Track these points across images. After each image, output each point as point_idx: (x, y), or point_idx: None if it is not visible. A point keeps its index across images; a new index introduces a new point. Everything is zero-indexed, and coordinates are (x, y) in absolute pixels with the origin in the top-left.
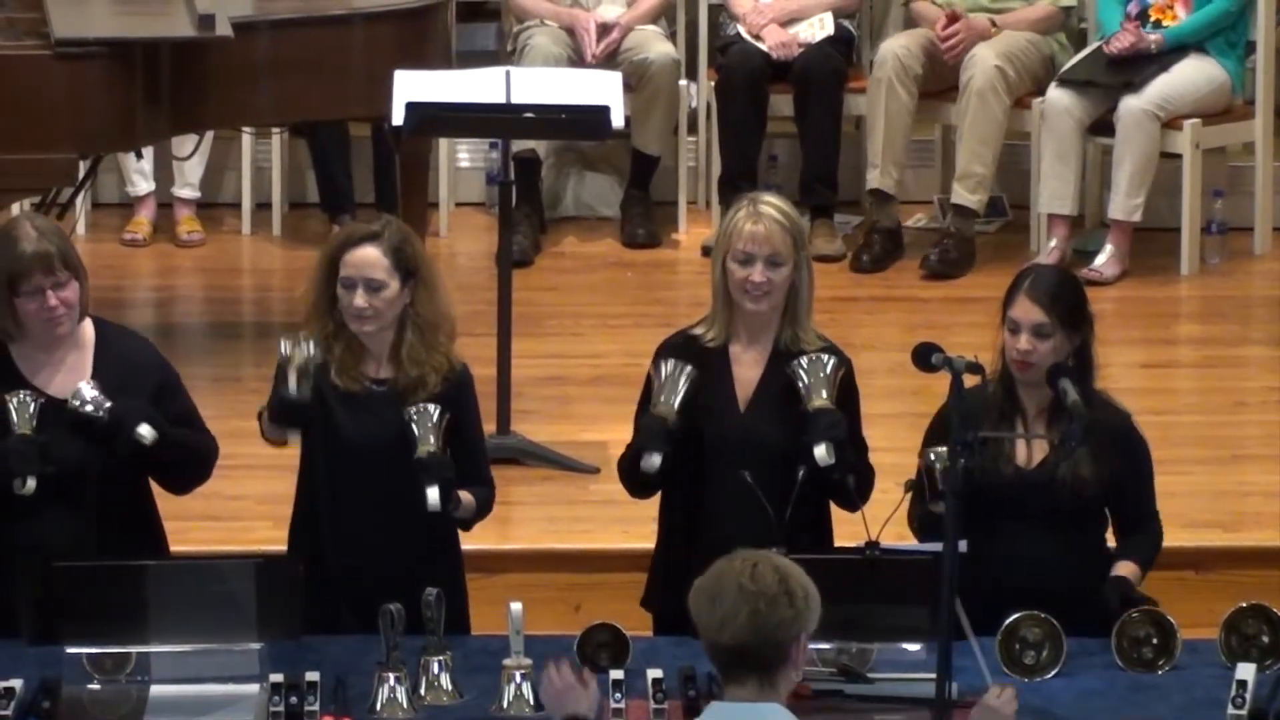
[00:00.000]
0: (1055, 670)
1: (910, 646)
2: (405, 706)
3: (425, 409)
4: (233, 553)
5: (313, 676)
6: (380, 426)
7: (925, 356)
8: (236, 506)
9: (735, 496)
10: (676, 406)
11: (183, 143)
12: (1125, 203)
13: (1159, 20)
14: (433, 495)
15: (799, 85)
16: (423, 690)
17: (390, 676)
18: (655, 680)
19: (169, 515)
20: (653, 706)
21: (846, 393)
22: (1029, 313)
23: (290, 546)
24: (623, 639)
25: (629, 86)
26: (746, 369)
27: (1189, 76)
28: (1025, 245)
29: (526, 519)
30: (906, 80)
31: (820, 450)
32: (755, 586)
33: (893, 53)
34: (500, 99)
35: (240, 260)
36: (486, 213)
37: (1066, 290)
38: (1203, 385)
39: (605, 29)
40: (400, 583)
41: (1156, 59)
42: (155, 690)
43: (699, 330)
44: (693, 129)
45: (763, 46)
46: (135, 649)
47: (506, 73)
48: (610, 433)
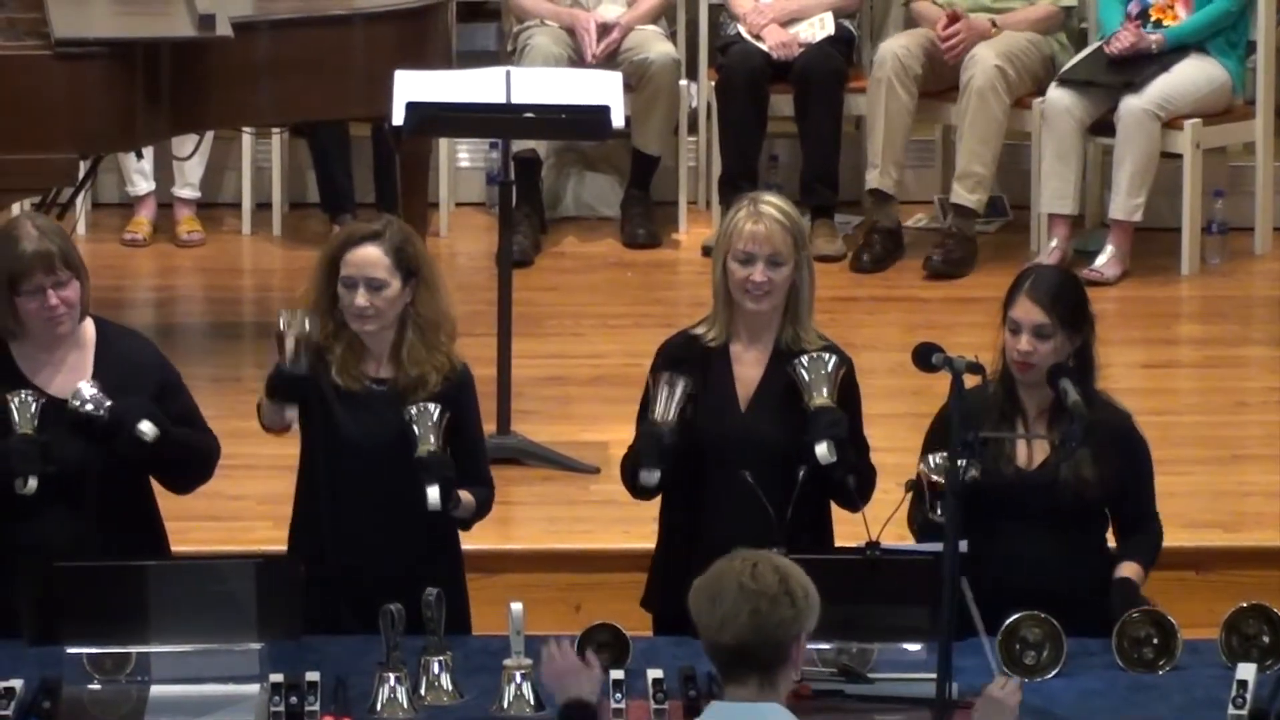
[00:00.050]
0: (1055, 670)
1: (911, 646)
2: (405, 707)
3: (425, 408)
4: (233, 553)
5: (313, 676)
6: (380, 426)
7: (926, 357)
8: (237, 506)
9: (736, 496)
10: (673, 421)
11: (183, 143)
12: (1126, 203)
13: (1159, 20)
14: (433, 495)
15: (799, 85)
16: (423, 690)
17: (390, 676)
18: (655, 680)
19: (169, 515)
20: (653, 707)
21: (847, 392)
22: (1030, 313)
23: (290, 546)
24: (623, 639)
25: (629, 86)
26: (747, 369)
27: (1189, 76)
28: (1025, 245)
29: (527, 519)
30: (906, 80)
31: (822, 448)
32: (756, 586)
33: (892, 53)
34: (500, 99)
35: (240, 260)
36: (487, 213)
37: (1067, 291)
38: (1203, 385)
39: (605, 29)
40: (400, 583)
41: (1157, 59)
42: (155, 690)
43: (700, 330)
44: (693, 129)
45: (763, 46)
46: (135, 649)
47: (507, 73)
48: (610, 433)
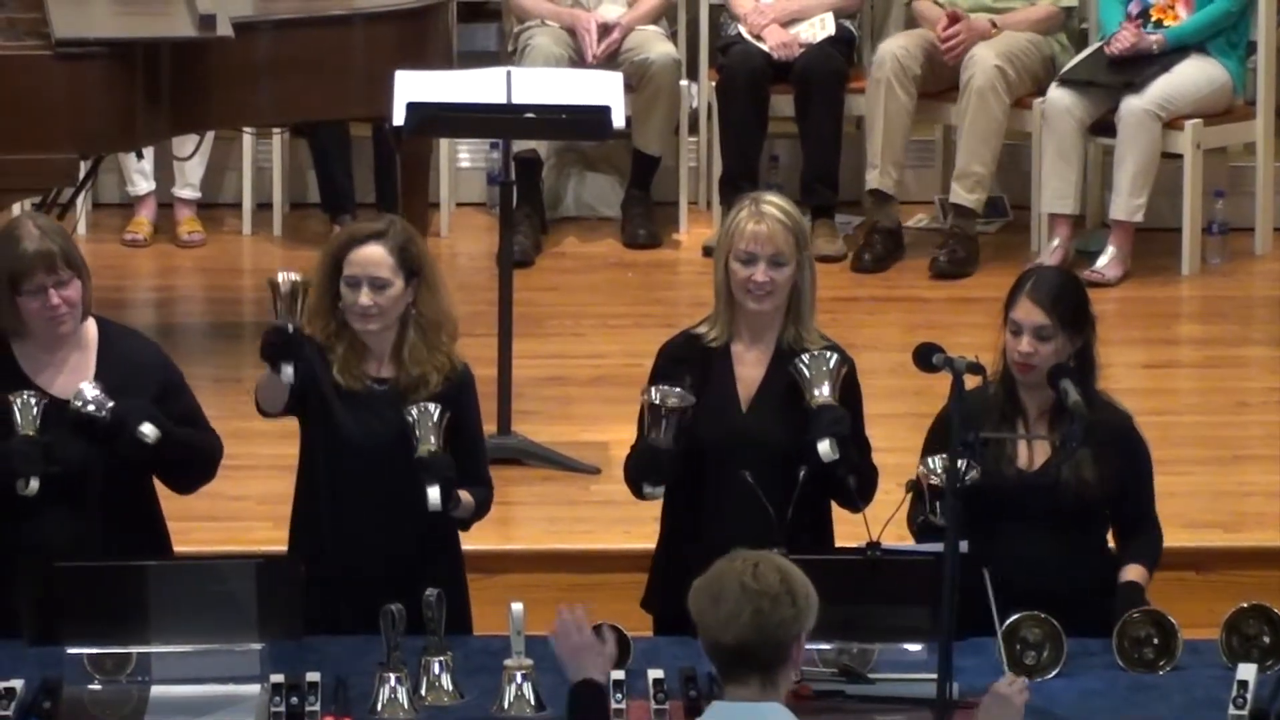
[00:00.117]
0: (1056, 670)
1: (911, 647)
2: (406, 707)
3: (426, 408)
4: (234, 553)
5: (313, 677)
6: (381, 425)
7: (926, 357)
8: (237, 507)
9: (737, 497)
10: (670, 440)
11: (183, 143)
12: (1127, 203)
13: (1160, 20)
14: (433, 495)
15: (800, 85)
16: (423, 690)
17: (391, 677)
18: (656, 681)
19: (170, 516)
20: (653, 707)
21: (849, 392)
22: (1030, 314)
23: (290, 546)
24: (624, 639)
25: (630, 87)
26: (749, 369)
27: (1190, 77)
28: (1026, 246)
29: (527, 519)
30: (905, 81)
31: (824, 445)
32: (758, 586)
33: (891, 53)
34: (501, 99)
35: (241, 260)
36: (487, 213)
37: (1068, 292)
38: (1204, 386)
39: (606, 29)
40: (401, 583)
41: (1158, 59)
42: (156, 690)
43: (701, 330)
44: (694, 129)
45: (764, 47)
46: (136, 649)
47: (507, 73)
48: (611, 433)
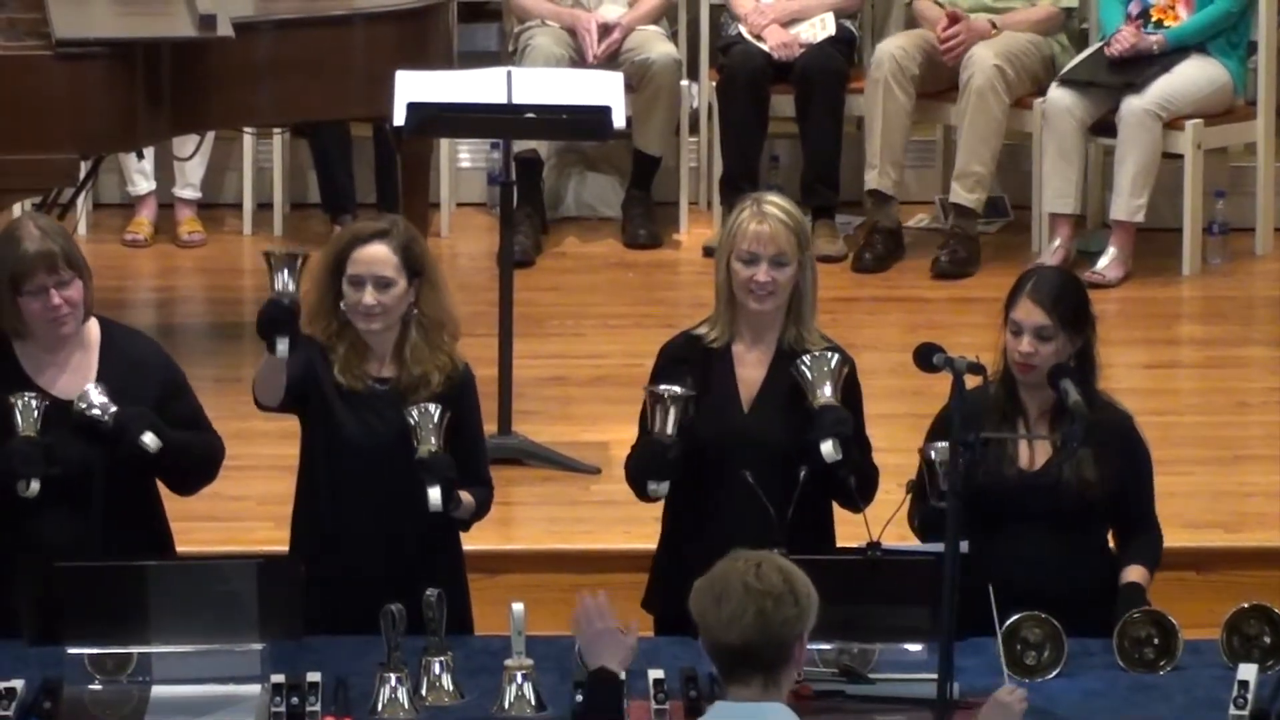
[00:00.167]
0: (1057, 671)
1: (912, 647)
2: (406, 707)
3: (426, 409)
4: (234, 553)
5: (314, 677)
6: (382, 425)
7: (927, 357)
8: (238, 507)
9: (737, 497)
10: (674, 435)
11: (184, 143)
12: (1128, 203)
13: (1160, 21)
14: (434, 495)
15: (800, 86)
16: (424, 691)
17: (391, 677)
18: (656, 681)
19: (170, 516)
20: (654, 707)
21: (850, 392)
22: (1031, 315)
23: (291, 546)
24: None
25: (630, 87)
26: (750, 369)
27: (1190, 77)
28: (1027, 246)
29: (528, 519)
30: (903, 81)
31: (827, 446)
32: (761, 586)
33: (889, 54)
34: (501, 99)
35: (241, 261)
36: (488, 213)
37: (1069, 292)
38: (1205, 386)
39: (606, 29)
40: (401, 583)
41: (1158, 59)
42: (156, 691)
43: (702, 330)
44: (694, 129)
45: (764, 47)
46: (136, 649)
47: (508, 73)
48: (611, 433)
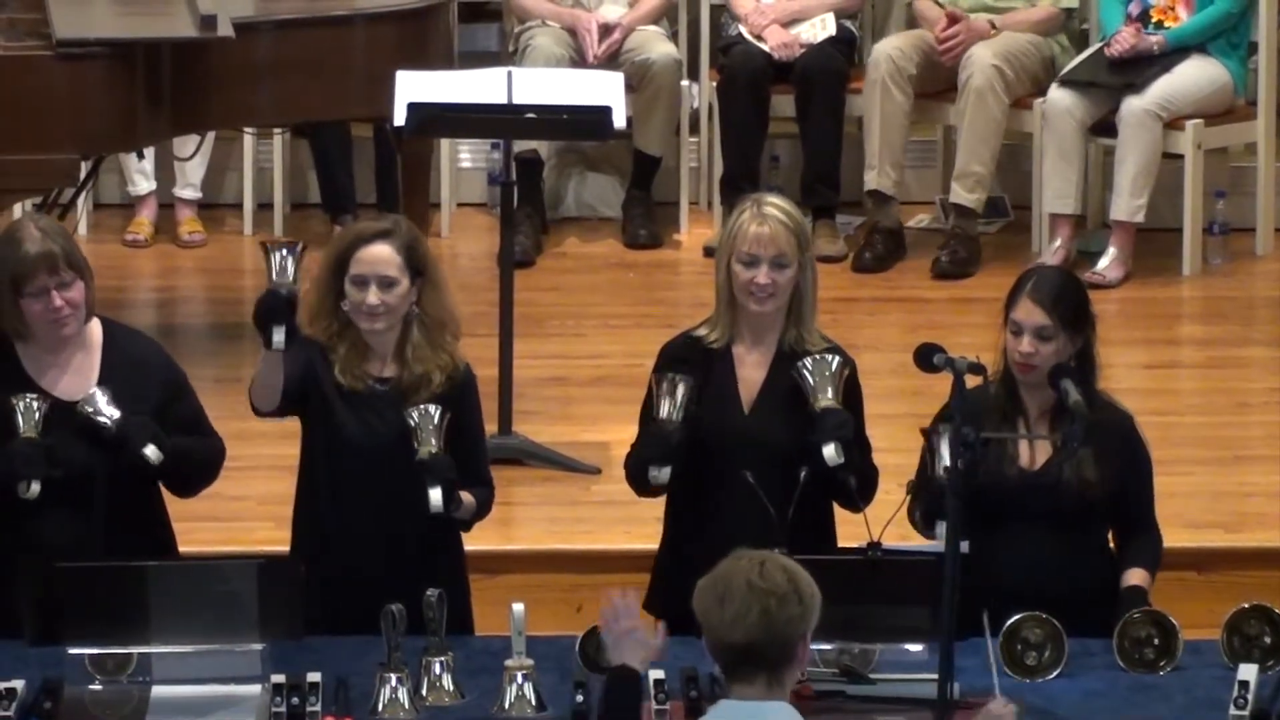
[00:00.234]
0: (1057, 671)
1: (912, 647)
2: (407, 707)
3: (426, 410)
4: (235, 553)
5: (314, 677)
6: (382, 426)
7: (927, 357)
8: (238, 507)
9: (738, 498)
10: (678, 419)
11: (184, 143)
12: (1128, 204)
13: (1160, 22)
14: (435, 496)
15: (801, 86)
16: (424, 691)
17: (392, 677)
18: (657, 681)
19: (171, 516)
20: (654, 707)
21: (850, 393)
22: (1031, 315)
23: (291, 546)
24: None
25: (630, 87)
26: (750, 370)
27: (1191, 77)
28: (1027, 246)
29: (528, 520)
30: (901, 81)
31: (829, 450)
32: (765, 585)
33: (886, 54)
34: (502, 99)
35: (242, 261)
36: (488, 213)
37: (1069, 292)
38: (1205, 386)
39: (607, 29)
40: (402, 583)
41: (1158, 59)
42: (157, 691)
43: (702, 331)
44: (694, 129)
45: (764, 47)
46: (137, 650)
47: (508, 73)
48: (612, 433)
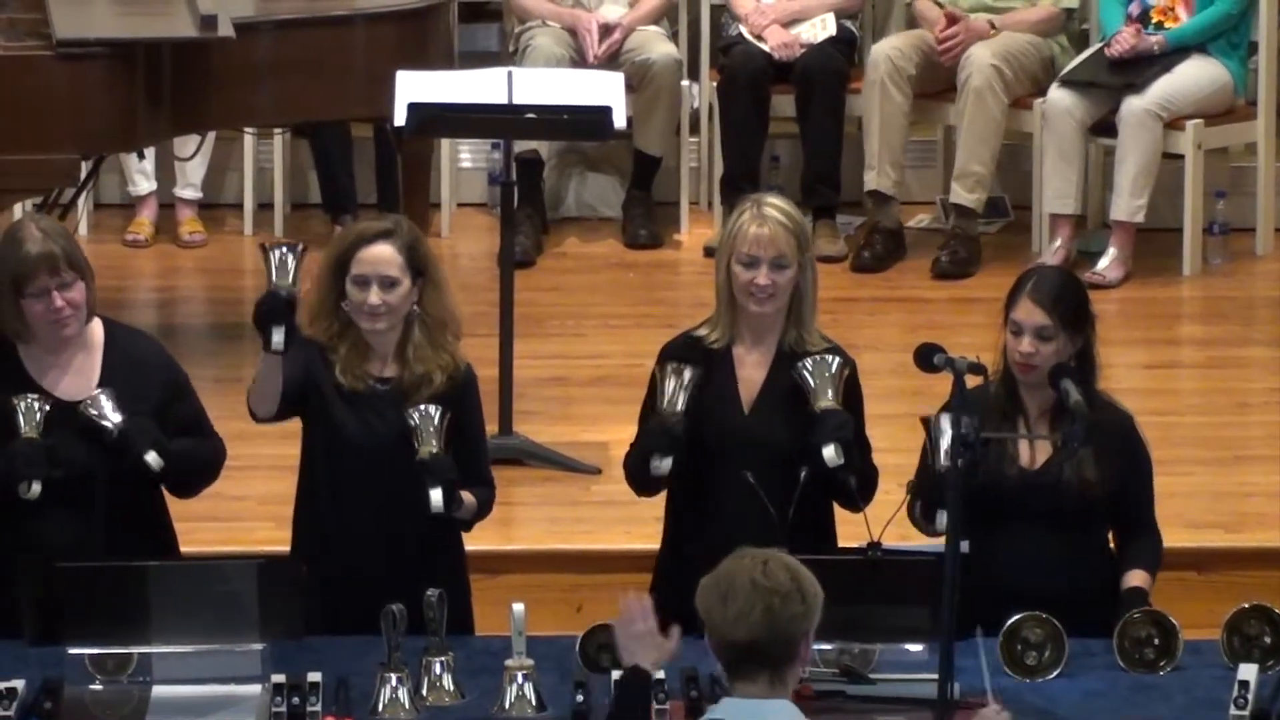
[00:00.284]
0: (1057, 671)
1: (912, 647)
2: (407, 707)
3: (427, 411)
4: (235, 553)
5: (315, 677)
6: (383, 426)
7: (927, 357)
8: (239, 507)
9: (739, 498)
10: (681, 409)
11: (185, 143)
12: (1128, 203)
13: (1160, 22)
14: (436, 497)
15: (801, 86)
16: (424, 691)
17: (392, 677)
18: (657, 681)
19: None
20: (655, 707)
21: (850, 394)
22: (1031, 315)
23: (292, 546)
24: None
25: (631, 87)
26: (751, 371)
27: (1191, 77)
28: (1027, 246)
29: (528, 520)
30: (900, 81)
31: (829, 451)
32: (769, 583)
33: (884, 54)
34: (502, 99)
35: (242, 261)
36: (488, 213)
37: (1069, 292)
38: (1205, 386)
39: (607, 29)
40: (402, 583)
41: (1159, 59)
42: (157, 691)
43: (702, 332)
44: (695, 129)
45: (765, 47)
46: (137, 649)
47: (508, 73)
48: (612, 433)
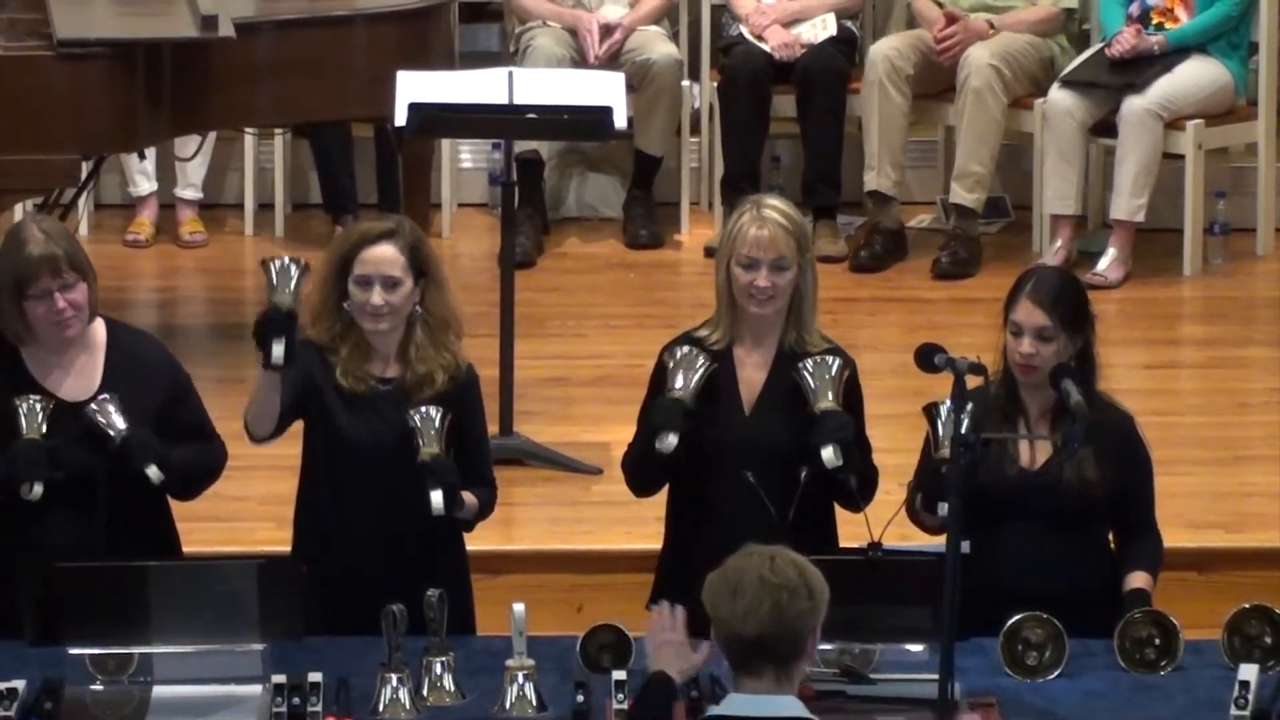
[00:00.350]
0: (1058, 671)
1: (913, 647)
2: (408, 707)
3: (428, 412)
4: (235, 553)
5: (315, 677)
6: (384, 426)
7: (928, 357)
8: (239, 507)
9: (740, 499)
10: (693, 388)
11: (185, 143)
12: (1128, 203)
13: (1160, 23)
14: (436, 499)
15: (801, 86)
16: (425, 691)
17: (393, 677)
18: None
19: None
20: None
21: (850, 394)
22: (1031, 315)
23: (292, 547)
24: (625, 640)
25: (631, 87)
26: (751, 372)
27: (1192, 77)
28: (1028, 246)
29: (529, 520)
30: (899, 81)
31: (828, 452)
32: (777, 579)
33: (883, 54)
34: (503, 100)
35: (243, 261)
36: (489, 213)
37: (1069, 292)
38: (1206, 386)
39: (608, 30)
40: (402, 583)
41: (1159, 59)
42: (157, 691)
43: (702, 333)
44: (695, 130)
45: (765, 47)
46: (138, 650)
47: (509, 73)
48: (613, 433)
